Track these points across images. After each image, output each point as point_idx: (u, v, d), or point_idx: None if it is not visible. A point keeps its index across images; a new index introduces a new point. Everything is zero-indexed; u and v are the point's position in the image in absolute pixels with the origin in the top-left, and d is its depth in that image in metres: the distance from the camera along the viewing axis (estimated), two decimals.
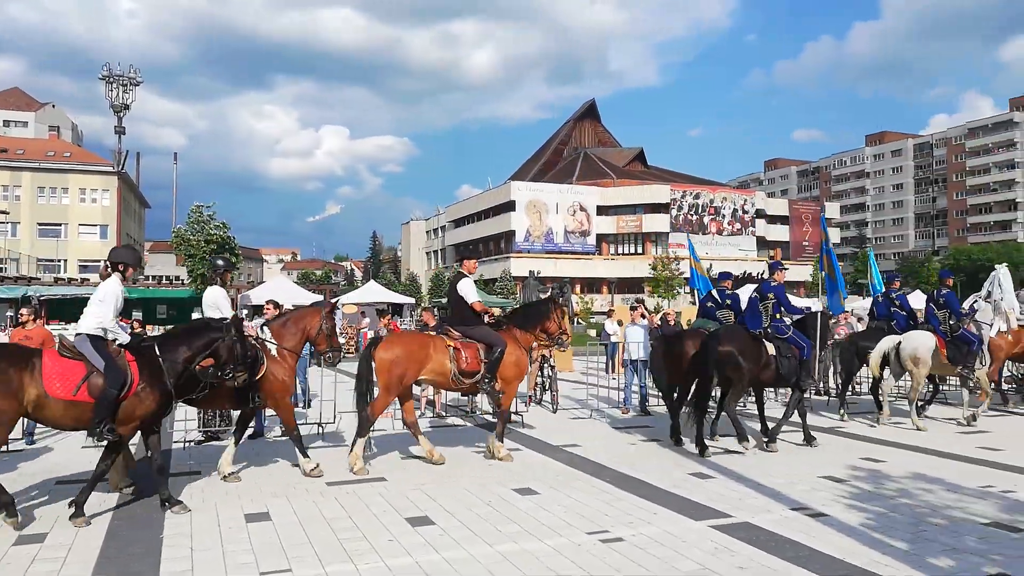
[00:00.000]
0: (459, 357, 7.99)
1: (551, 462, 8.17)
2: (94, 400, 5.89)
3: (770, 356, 8.92)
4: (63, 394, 5.83)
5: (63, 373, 5.89)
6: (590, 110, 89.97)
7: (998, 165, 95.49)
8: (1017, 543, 5.36)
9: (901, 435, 9.88)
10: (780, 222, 77.28)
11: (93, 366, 5.97)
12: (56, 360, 5.98)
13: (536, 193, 70.28)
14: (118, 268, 6.44)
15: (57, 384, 5.83)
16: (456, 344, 8.05)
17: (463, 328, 8.22)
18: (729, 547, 5.25)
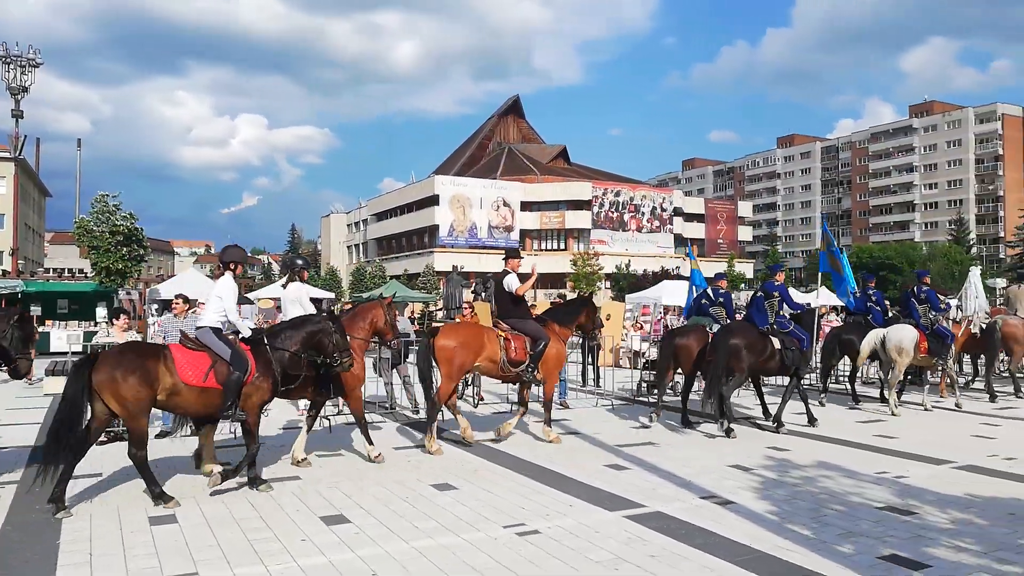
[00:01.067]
0: (509, 347, 8.74)
1: (471, 457, 8.17)
2: (222, 386, 6.48)
3: (775, 349, 9.84)
4: (195, 381, 6.39)
5: (193, 363, 6.45)
6: (514, 106, 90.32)
7: (898, 168, 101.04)
8: (908, 525, 5.69)
9: (803, 424, 10.32)
10: (697, 220, 79.56)
11: (218, 355, 6.55)
12: (184, 352, 6.52)
13: (460, 188, 70.10)
14: (230, 267, 7.09)
15: (189, 372, 6.38)
16: (507, 335, 8.80)
17: (512, 322, 8.99)
18: (642, 536, 5.38)
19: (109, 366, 6.12)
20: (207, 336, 6.68)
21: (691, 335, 10.31)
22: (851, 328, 12.88)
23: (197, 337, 6.70)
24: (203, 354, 6.55)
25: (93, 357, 6.28)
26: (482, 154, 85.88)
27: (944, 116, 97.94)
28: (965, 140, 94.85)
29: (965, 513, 6.00)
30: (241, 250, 7.47)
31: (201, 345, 6.61)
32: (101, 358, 6.23)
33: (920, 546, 5.18)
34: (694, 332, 10.37)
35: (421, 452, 8.38)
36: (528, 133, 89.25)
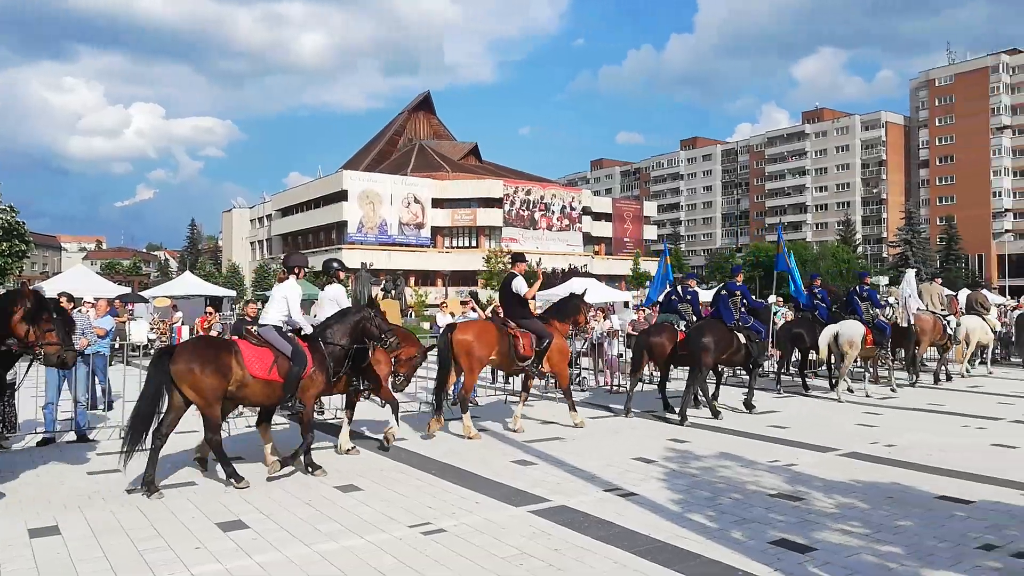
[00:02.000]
0: (517, 344, 9.46)
1: (376, 457, 8.05)
2: (283, 379, 6.99)
3: (741, 343, 10.97)
4: (261, 374, 6.92)
5: (258, 357, 6.97)
6: (425, 102, 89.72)
7: (791, 172, 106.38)
8: (797, 511, 5.98)
9: (704, 417, 10.71)
10: (604, 219, 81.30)
11: (279, 351, 7.07)
12: (250, 347, 7.02)
13: (370, 183, 69.04)
14: (294, 271, 7.63)
15: (256, 366, 6.90)
16: (516, 333, 9.51)
17: (519, 320, 9.68)
18: (546, 531, 5.44)
19: (186, 358, 6.63)
20: (270, 333, 7.22)
21: (663, 333, 11.15)
22: (801, 323, 14.07)
23: (260, 334, 7.22)
24: (266, 350, 7.09)
25: (170, 349, 6.89)
26: (392, 150, 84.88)
27: (833, 123, 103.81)
28: (852, 146, 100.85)
29: (849, 497, 6.37)
30: (303, 256, 8.23)
31: (264, 341, 7.14)
32: (178, 350, 6.80)
33: (808, 530, 5.46)
34: (665, 330, 11.22)
35: (326, 453, 8.19)
36: (439, 130, 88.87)
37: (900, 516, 5.82)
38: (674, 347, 10.94)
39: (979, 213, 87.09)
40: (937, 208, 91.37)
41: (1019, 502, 6.20)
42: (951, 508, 6.04)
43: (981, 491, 6.53)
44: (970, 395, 13.10)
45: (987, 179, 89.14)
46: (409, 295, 42.68)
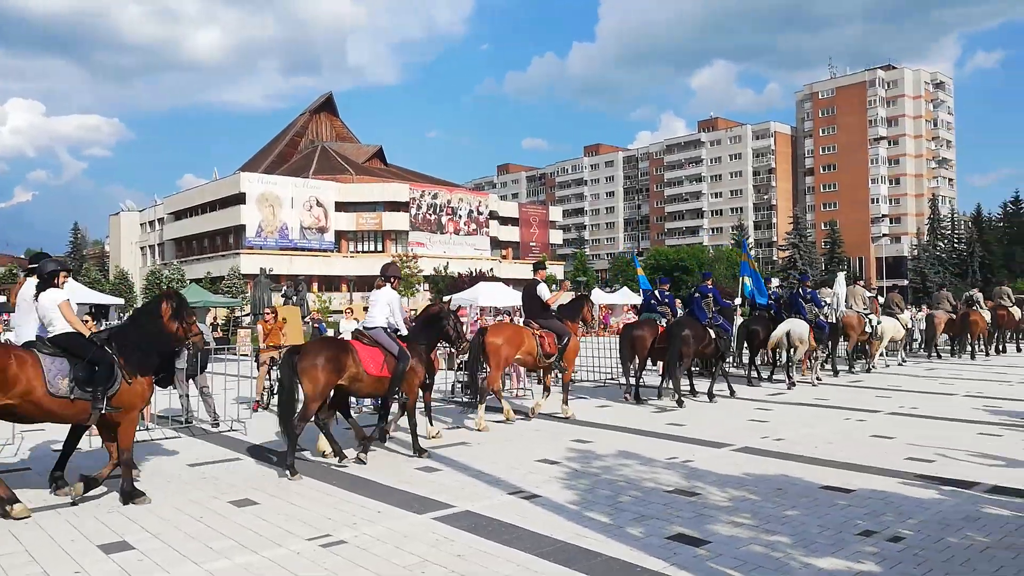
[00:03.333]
0: (543, 343, 10.59)
1: (274, 470, 7.77)
2: (391, 375, 7.98)
3: (711, 338, 12.44)
4: (374, 371, 7.88)
5: (371, 356, 7.93)
6: (327, 103, 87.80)
7: (688, 178, 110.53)
8: (693, 505, 6.18)
9: (606, 417, 10.95)
10: (511, 223, 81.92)
11: (388, 350, 8.06)
12: (364, 348, 7.95)
13: (269, 186, 66.91)
14: (390, 280, 8.63)
15: (371, 364, 7.86)
16: (540, 333, 10.63)
17: (540, 321, 10.86)
18: (450, 537, 5.39)
19: (311, 356, 7.53)
20: (380, 335, 8.19)
21: (645, 328, 12.56)
22: (756, 321, 15.57)
23: (371, 335, 8.15)
24: (377, 349, 8.04)
25: (299, 348, 7.93)
26: (293, 152, 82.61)
27: (727, 132, 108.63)
28: (744, 154, 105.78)
29: (741, 491, 6.63)
30: (396, 267, 9.15)
31: (375, 342, 8.08)
32: (304, 349, 7.77)
33: (703, 524, 5.65)
34: (647, 325, 12.63)
35: (221, 467, 7.86)
36: (342, 132, 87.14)
37: (787, 506, 6.11)
38: (654, 340, 12.33)
39: (859, 218, 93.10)
40: (822, 213, 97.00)
41: (895, 489, 6.62)
42: (834, 497, 6.39)
43: (861, 480, 6.94)
44: (852, 390, 13.94)
45: (866, 186, 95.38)
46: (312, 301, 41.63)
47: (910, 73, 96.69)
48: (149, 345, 6.71)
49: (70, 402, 6.13)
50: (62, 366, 6.15)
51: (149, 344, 6.71)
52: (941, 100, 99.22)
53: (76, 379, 6.13)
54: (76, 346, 6.31)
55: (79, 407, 6.20)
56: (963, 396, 12.81)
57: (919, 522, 5.66)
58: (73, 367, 6.17)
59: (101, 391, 6.21)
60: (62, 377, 6.10)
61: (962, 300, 21.58)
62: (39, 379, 5.99)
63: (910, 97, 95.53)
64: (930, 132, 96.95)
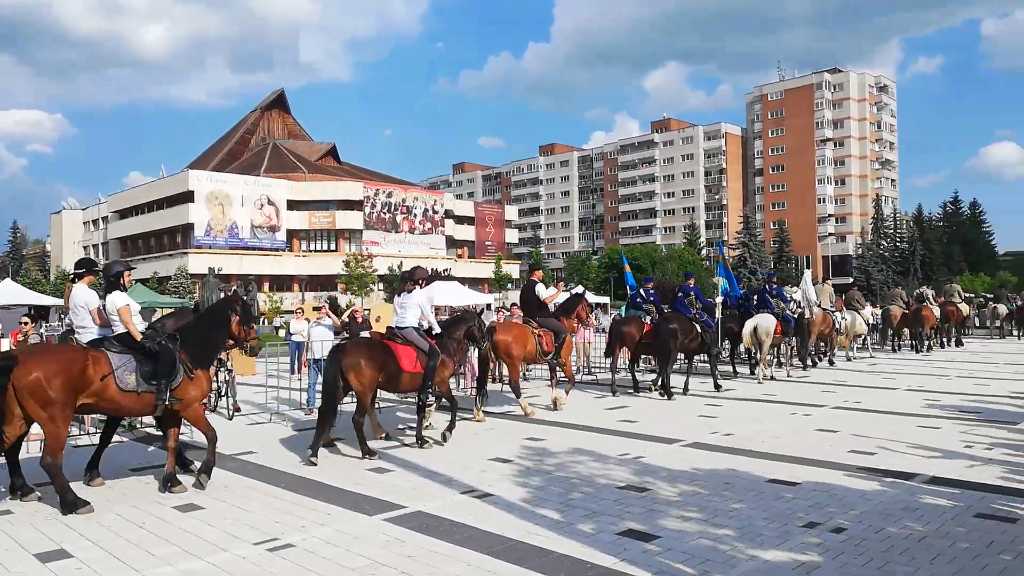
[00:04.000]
0: (542, 340, 11.27)
1: (221, 473, 7.58)
2: (424, 370, 8.66)
3: (698, 332, 13.19)
4: (410, 368, 8.55)
5: (407, 354, 8.56)
6: (279, 100, 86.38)
7: (642, 178, 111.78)
8: (643, 501, 6.24)
9: (560, 414, 10.99)
10: (467, 222, 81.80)
11: (420, 348, 8.68)
12: (399, 347, 8.58)
13: (219, 184, 65.53)
14: (419, 283, 9.16)
15: (406, 361, 8.52)
16: (540, 331, 11.33)
17: (539, 320, 11.55)
18: (401, 538, 5.35)
19: (355, 353, 8.26)
20: (411, 334, 8.80)
21: (632, 324, 13.32)
22: (730, 319, 16.08)
23: (403, 335, 8.74)
24: (410, 348, 8.67)
25: (343, 346, 8.55)
26: (244, 149, 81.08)
27: (679, 133, 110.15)
28: (696, 155, 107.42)
29: (691, 486, 6.73)
30: (424, 270, 9.66)
31: (407, 341, 8.70)
32: (348, 348, 8.42)
33: (653, 519, 5.71)
34: (634, 321, 13.41)
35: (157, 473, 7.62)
36: (295, 129, 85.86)
37: (735, 500, 6.22)
38: (641, 336, 13.10)
39: (806, 218, 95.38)
40: (771, 213, 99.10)
41: (839, 482, 6.80)
42: (780, 490, 6.53)
43: (806, 473, 7.11)
44: (798, 385, 14.27)
45: (813, 187, 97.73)
46: (262, 301, 40.92)
47: (855, 76, 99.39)
48: (213, 342, 7.28)
49: (138, 395, 6.59)
50: (129, 362, 6.60)
51: (213, 342, 7.29)
52: (885, 103, 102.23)
53: (143, 373, 6.60)
54: (139, 343, 6.72)
55: (145, 400, 6.65)
56: (904, 390, 13.22)
57: (861, 513, 5.81)
58: (138, 363, 6.63)
59: (164, 384, 6.66)
60: (129, 372, 6.56)
61: (914, 297, 22.85)
62: (111, 376, 6.44)
63: (855, 100, 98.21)
64: (874, 134, 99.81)
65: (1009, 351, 21.32)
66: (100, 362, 6.43)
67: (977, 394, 12.42)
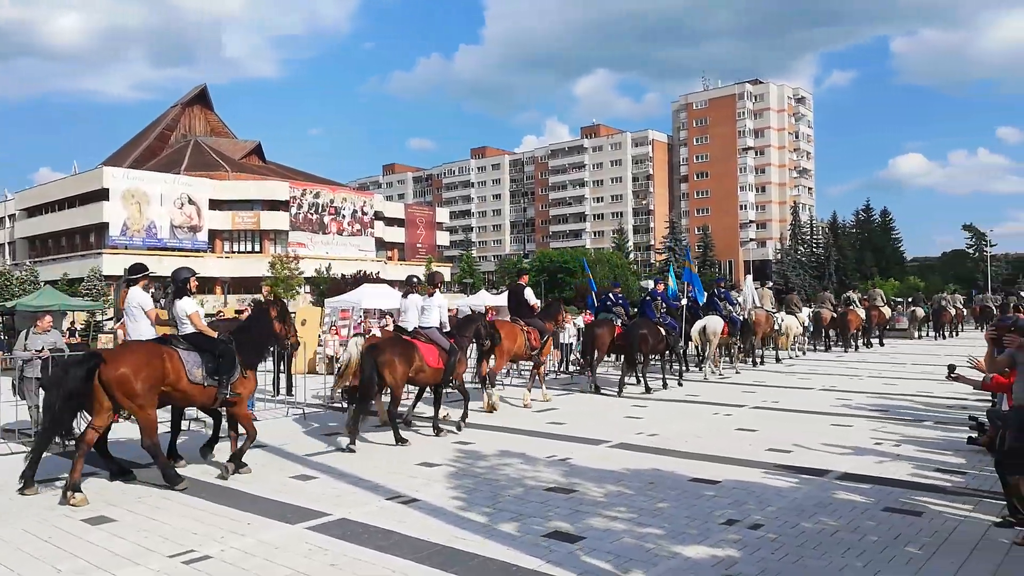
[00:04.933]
0: (530, 337, 12.41)
1: (133, 484, 7.28)
2: (444, 366, 9.57)
3: (663, 335, 14.11)
4: (434, 364, 9.44)
5: (430, 351, 9.46)
6: (201, 96, 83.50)
7: (572, 183, 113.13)
8: (570, 502, 6.30)
9: (490, 417, 11.00)
10: (397, 224, 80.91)
11: (442, 346, 9.62)
12: (424, 345, 9.42)
13: (136, 182, 62.84)
14: (438, 287, 10.24)
15: (430, 358, 9.40)
16: (528, 329, 12.45)
17: (526, 320, 12.69)
18: (324, 546, 5.23)
19: (388, 351, 9.08)
20: (434, 334, 9.75)
21: (604, 327, 13.90)
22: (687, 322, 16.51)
23: (426, 334, 9.66)
24: (433, 346, 9.58)
25: (376, 345, 9.42)
26: (163, 146, 78.08)
27: (608, 139, 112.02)
28: (624, 160, 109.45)
29: (616, 486, 6.83)
30: (442, 275, 11.27)
31: (430, 339, 9.63)
32: (380, 346, 9.25)
33: (579, 520, 5.76)
34: (606, 324, 14.00)
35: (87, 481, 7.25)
36: (218, 126, 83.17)
37: (659, 499, 6.34)
38: (612, 338, 13.79)
39: (729, 223, 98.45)
40: (695, 218, 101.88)
41: (757, 480, 7.02)
42: (702, 489, 6.69)
43: (727, 472, 7.31)
44: (721, 386, 14.69)
45: (735, 193, 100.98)
46: None
47: (775, 88, 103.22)
48: (261, 344, 8.16)
49: (203, 388, 7.36)
50: (196, 358, 7.35)
51: (261, 343, 8.15)
52: (802, 114, 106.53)
53: (207, 369, 7.36)
54: (205, 342, 7.50)
55: (209, 392, 7.42)
56: (819, 390, 13.77)
57: (777, 509, 6.02)
58: (204, 359, 7.38)
59: (226, 379, 7.44)
60: (197, 367, 7.32)
61: (841, 300, 24.60)
62: (182, 370, 7.21)
63: (775, 110, 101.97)
64: (792, 144, 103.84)
65: (916, 352, 22.50)
66: (174, 358, 7.23)
67: (886, 393, 13.04)
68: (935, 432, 9.39)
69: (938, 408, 11.26)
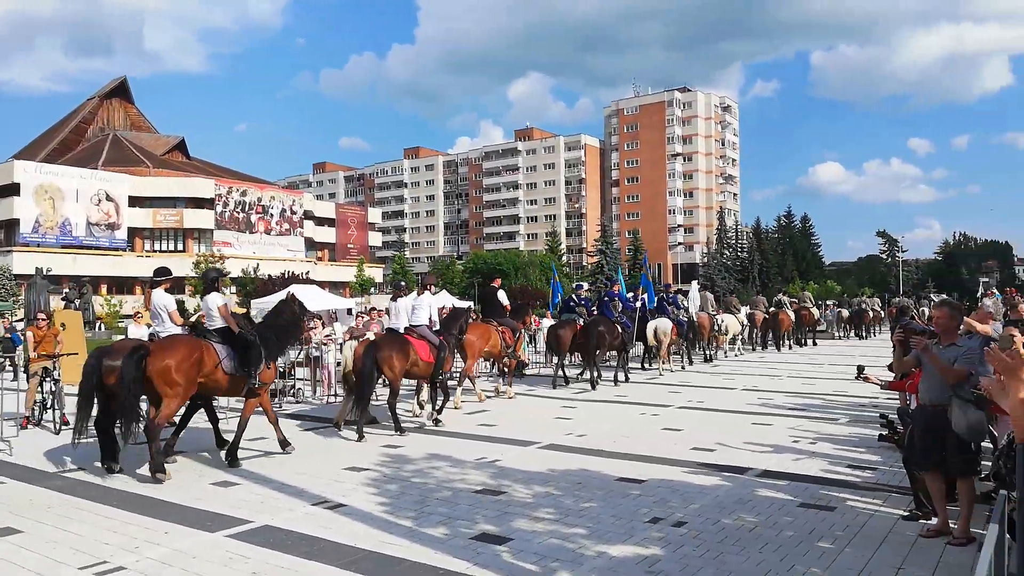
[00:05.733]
0: (504, 336, 13.20)
1: (43, 493, 6.92)
2: (435, 360, 10.43)
3: (619, 333, 15.27)
4: (426, 358, 10.31)
5: (423, 347, 10.31)
6: (120, 88, 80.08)
7: (506, 185, 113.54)
8: (498, 504, 6.30)
9: (419, 420, 10.91)
10: (328, 224, 79.51)
11: (432, 342, 10.47)
12: (416, 341, 10.29)
13: (50, 177, 59.87)
14: (428, 288, 11.35)
15: (423, 353, 10.28)
16: (501, 329, 13.21)
17: (498, 320, 13.46)
18: (244, 554, 5.09)
19: (388, 348, 9.90)
20: (425, 331, 10.50)
21: (566, 327, 15.03)
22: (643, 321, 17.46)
23: (418, 332, 10.41)
24: (424, 342, 10.34)
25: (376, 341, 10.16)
26: (79, 140, 74.58)
27: (542, 142, 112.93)
28: (557, 164, 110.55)
29: (544, 487, 6.87)
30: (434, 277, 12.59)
31: (420, 336, 10.37)
32: (379, 343, 10.02)
33: (506, 521, 5.78)
34: (568, 324, 15.11)
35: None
36: (138, 120, 79.94)
37: (585, 499, 6.42)
38: (574, 336, 14.90)
39: (658, 227, 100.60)
40: (626, 222, 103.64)
41: (680, 478, 7.18)
42: (627, 488, 6.81)
43: (652, 471, 7.46)
44: (648, 386, 14.97)
45: (664, 198, 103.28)
46: (99, 305, 37.80)
47: (703, 96, 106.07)
48: (281, 338, 8.80)
49: (234, 378, 8.01)
50: (229, 350, 8.00)
51: (284, 338, 8.87)
52: (728, 122, 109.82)
53: (238, 360, 8.02)
54: (235, 336, 8.11)
55: (238, 381, 8.08)
56: (741, 390, 14.19)
57: (700, 507, 6.17)
58: (234, 351, 8.04)
59: (255, 370, 8.09)
60: (230, 359, 7.99)
61: (773, 303, 26.05)
62: (218, 361, 7.86)
63: (703, 118, 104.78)
64: (719, 151, 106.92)
65: (833, 352, 23.44)
66: (210, 351, 7.83)
67: (804, 392, 13.55)
68: (849, 429, 9.80)
69: (852, 407, 11.77)
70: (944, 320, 5.59)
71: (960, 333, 5.81)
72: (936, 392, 5.41)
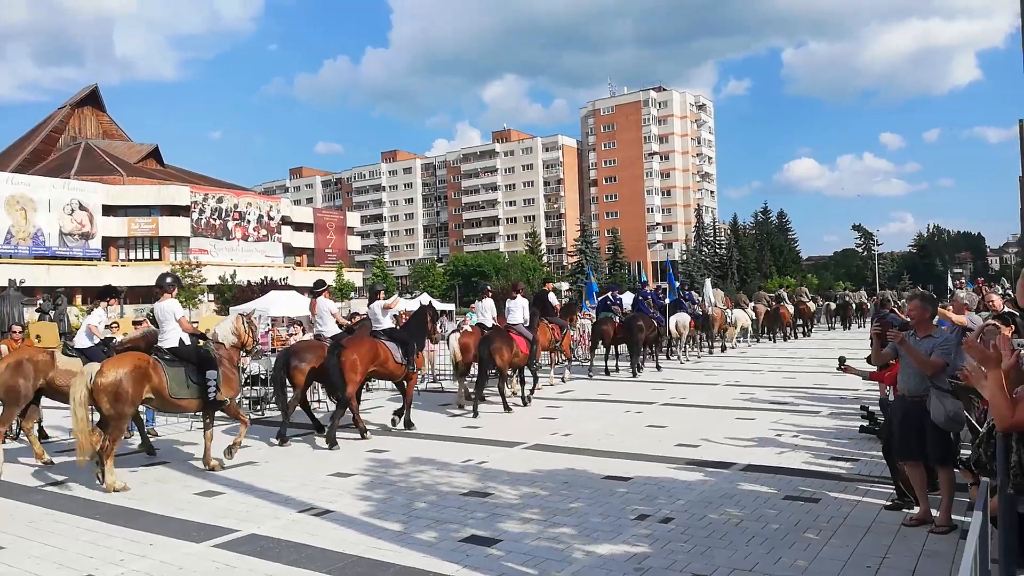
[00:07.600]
0: (554, 332, 14.84)
1: (23, 507, 6.81)
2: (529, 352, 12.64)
3: (655, 326, 17.35)
4: (524, 350, 12.43)
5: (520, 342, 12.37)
6: (92, 97, 78.94)
7: (485, 187, 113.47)
8: (485, 506, 6.31)
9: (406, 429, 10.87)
10: (306, 229, 78.92)
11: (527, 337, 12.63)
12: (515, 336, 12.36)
13: (21, 187, 58.87)
14: (519, 291, 13.49)
15: (522, 346, 12.38)
16: (552, 326, 14.78)
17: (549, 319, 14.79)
18: (231, 563, 5.05)
19: (498, 342, 11.95)
20: (521, 328, 12.54)
21: (608, 323, 16.87)
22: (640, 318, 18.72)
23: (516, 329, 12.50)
24: (521, 337, 12.30)
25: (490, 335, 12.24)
26: (51, 149, 73.43)
27: (519, 143, 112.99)
28: (536, 165, 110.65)
29: (531, 487, 6.89)
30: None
31: (519, 332, 12.40)
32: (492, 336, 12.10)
33: (494, 523, 5.79)
34: (608, 321, 16.96)
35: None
36: (111, 128, 78.86)
37: (572, 498, 6.44)
38: (614, 332, 16.70)
39: (637, 226, 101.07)
40: (605, 222, 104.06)
41: (666, 474, 7.23)
42: (614, 486, 6.84)
43: (638, 468, 7.50)
44: (631, 384, 15.05)
45: (642, 197, 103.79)
46: (74, 315, 37.25)
47: (678, 95, 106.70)
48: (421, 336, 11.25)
49: (400, 365, 10.41)
50: (396, 346, 10.40)
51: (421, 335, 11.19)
52: (703, 120, 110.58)
53: (402, 352, 10.33)
54: (398, 333, 10.77)
55: (401, 368, 10.41)
56: (723, 385, 14.32)
57: (686, 502, 6.22)
58: (398, 346, 10.39)
59: (411, 359, 10.67)
60: (397, 351, 10.35)
61: (774, 297, 28.15)
62: (390, 354, 10.23)
63: (678, 117, 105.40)
64: (695, 149, 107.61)
65: (813, 347, 23.71)
66: (383, 347, 10.12)
67: (785, 387, 13.69)
68: (830, 422, 9.92)
69: (833, 400, 11.91)
70: (917, 312, 5.69)
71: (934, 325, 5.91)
72: (914, 383, 5.50)
